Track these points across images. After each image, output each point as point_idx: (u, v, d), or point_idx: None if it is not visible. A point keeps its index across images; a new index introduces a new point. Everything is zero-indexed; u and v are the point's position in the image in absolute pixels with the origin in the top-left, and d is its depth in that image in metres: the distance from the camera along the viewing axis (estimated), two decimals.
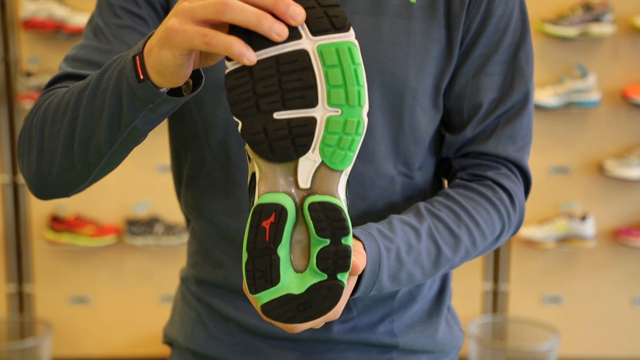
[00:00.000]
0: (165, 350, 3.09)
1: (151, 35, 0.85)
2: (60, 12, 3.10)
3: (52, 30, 3.11)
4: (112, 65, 0.90)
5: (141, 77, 0.84)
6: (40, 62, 3.18)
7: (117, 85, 0.87)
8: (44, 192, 1.04)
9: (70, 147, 0.95)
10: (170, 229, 3.26)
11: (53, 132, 0.97)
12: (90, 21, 1.11)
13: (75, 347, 3.40)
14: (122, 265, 3.35)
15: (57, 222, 3.23)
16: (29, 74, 3.13)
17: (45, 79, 3.11)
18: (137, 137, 0.92)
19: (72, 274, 3.34)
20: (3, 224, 3.31)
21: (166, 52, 0.80)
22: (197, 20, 0.78)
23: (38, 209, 3.29)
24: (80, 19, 3.11)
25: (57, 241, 3.24)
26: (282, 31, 0.76)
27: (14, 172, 3.28)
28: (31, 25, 3.10)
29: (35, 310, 3.37)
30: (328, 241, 0.80)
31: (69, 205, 3.26)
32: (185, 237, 3.19)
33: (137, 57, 0.85)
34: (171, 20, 0.79)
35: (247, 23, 0.76)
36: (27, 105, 3.14)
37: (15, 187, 3.29)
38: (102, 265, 3.34)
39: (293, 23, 0.77)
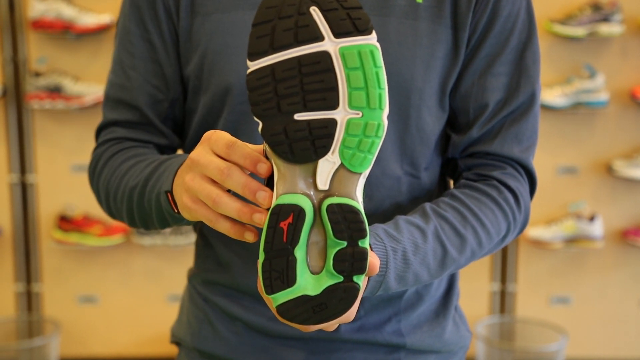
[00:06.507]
0: (173, 349, 3.09)
1: (178, 168, 0.95)
2: (68, 12, 3.11)
3: (60, 31, 3.11)
4: (151, 178, 1.02)
5: (176, 211, 0.95)
6: (48, 62, 3.19)
7: (158, 207, 1.00)
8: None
9: (133, 220, 1.09)
10: (177, 229, 3.26)
11: (117, 208, 1.11)
12: (115, 47, 1.17)
13: (83, 346, 3.41)
14: (130, 264, 3.36)
15: (65, 222, 3.24)
16: (37, 74, 3.14)
17: (54, 79, 3.12)
18: (186, 223, 1.01)
19: (80, 274, 3.35)
20: (12, 223, 3.32)
21: (184, 213, 0.92)
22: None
23: (46, 208, 3.30)
24: (88, 19, 3.11)
25: (65, 241, 3.25)
26: (261, 215, 0.83)
27: (23, 172, 3.29)
28: (40, 25, 3.11)
29: (43, 310, 3.38)
30: (345, 243, 0.80)
31: (77, 205, 3.26)
32: (192, 237, 3.20)
33: (169, 195, 0.95)
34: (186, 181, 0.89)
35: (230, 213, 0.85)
36: (35, 105, 3.15)
37: (24, 187, 3.30)
38: (110, 264, 3.35)
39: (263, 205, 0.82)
